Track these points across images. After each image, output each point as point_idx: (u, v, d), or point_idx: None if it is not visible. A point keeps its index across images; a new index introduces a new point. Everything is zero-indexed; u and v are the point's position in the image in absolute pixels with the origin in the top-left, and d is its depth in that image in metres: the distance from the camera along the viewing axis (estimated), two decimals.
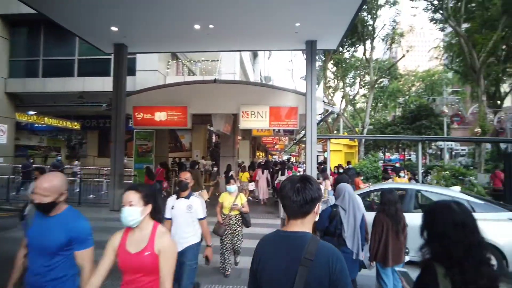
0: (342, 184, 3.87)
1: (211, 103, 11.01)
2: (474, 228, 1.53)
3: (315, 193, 1.56)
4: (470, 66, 21.24)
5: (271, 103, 10.76)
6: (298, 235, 1.54)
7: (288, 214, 1.60)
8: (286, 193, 1.57)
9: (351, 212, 3.67)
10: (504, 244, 5.25)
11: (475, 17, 21.47)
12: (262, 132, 14.38)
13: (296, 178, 1.61)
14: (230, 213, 5.22)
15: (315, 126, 10.02)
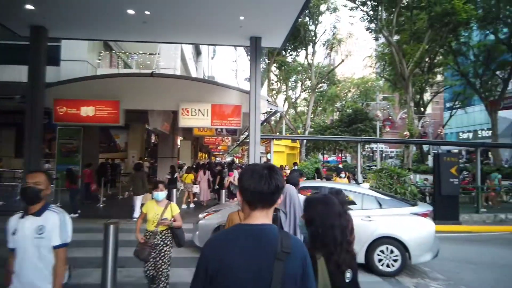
0: (285, 186, 3.50)
1: (148, 98, 10.05)
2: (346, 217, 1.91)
3: (282, 182, 1.44)
4: (400, 74, 22.81)
5: (213, 101, 10.15)
6: (266, 227, 1.39)
7: (253, 205, 1.40)
8: (252, 180, 1.39)
9: (292, 216, 3.29)
10: (407, 238, 5.52)
11: (405, 29, 23.17)
12: (204, 131, 13.67)
13: (259, 166, 1.46)
14: (156, 229, 4.03)
15: (258, 126, 9.63)
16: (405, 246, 5.49)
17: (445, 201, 9.75)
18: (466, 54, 30.43)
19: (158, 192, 4.12)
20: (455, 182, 9.74)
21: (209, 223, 6.34)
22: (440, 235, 9.02)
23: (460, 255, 7.11)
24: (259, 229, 1.37)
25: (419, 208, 6.05)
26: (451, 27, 20.02)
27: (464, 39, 29.23)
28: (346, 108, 41.39)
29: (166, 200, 4.18)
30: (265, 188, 1.37)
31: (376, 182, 9.72)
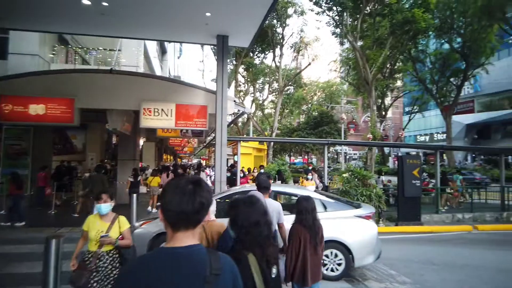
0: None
1: (106, 97, 9.36)
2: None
3: (209, 198, 1.32)
4: (363, 78, 23.39)
5: (178, 101, 9.66)
6: (194, 249, 1.26)
7: (175, 225, 1.27)
8: (174, 197, 1.25)
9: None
10: (351, 241, 5.42)
11: (368, 36, 23.84)
12: (168, 132, 13.05)
13: (184, 180, 1.31)
14: (99, 250, 3.32)
15: (225, 127, 9.27)
16: (349, 250, 5.38)
17: (408, 203, 9.95)
18: (423, 61, 32.09)
19: (101, 204, 3.40)
20: (417, 184, 9.97)
21: (146, 232, 5.62)
22: (404, 236, 9.23)
23: (423, 256, 7.18)
24: (185, 252, 1.23)
25: (362, 210, 5.97)
26: (411, 34, 20.83)
27: (422, 47, 30.83)
28: (312, 111, 42.05)
29: (112, 214, 3.50)
30: (188, 207, 1.23)
31: (343, 184, 9.71)
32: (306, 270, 3.32)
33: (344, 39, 23.87)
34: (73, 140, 18.99)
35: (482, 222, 11.07)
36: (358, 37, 22.48)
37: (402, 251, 7.63)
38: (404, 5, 21.67)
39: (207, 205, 1.30)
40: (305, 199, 3.56)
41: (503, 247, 8.25)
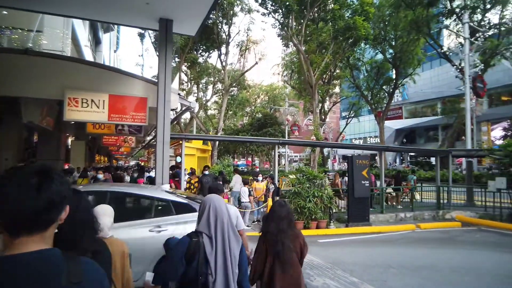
0: (207, 196, 2.31)
1: (20, 82, 7.62)
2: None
3: (66, 190, 1.05)
4: (307, 82, 23.65)
5: (111, 91, 8.28)
6: (43, 255, 0.97)
7: (13, 229, 0.96)
8: (8, 193, 0.94)
9: (219, 241, 2.06)
10: None
11: (312, 40, 24.22)
12: (101, 129, 11.36)
13: (27, 171, 1.00)
14: None
15: (168, 122, 8.17)
16: None
17: (358, 203, 9.80)
18: (360, 69, 33.87)
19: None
20: (366, 184, 9.87)
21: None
22: (355, 238, 8.98)
23: (379, 258, 6.91)
24: (28, 259, 0.93)
25: None
26: (351, 41, 21.50)
27: (358, 55, 32.51)
28: (255, 113, 41.94)
29: None
30: (29, 204, 0.94)
31: (294, 185, 9.21)
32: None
33: (289, 42, 23.93)
34: None
35: (421, 220, 11.44)
36: (302, 40, 22.64)
37: (356, 254, 7.29)
38: (345, 12, 22.37)
39: (60, 201, 1.02)
40: (280, 204, 2.92)
41: (446, 245, 8.39)
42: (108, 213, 2.44)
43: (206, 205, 2.12)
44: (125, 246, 2.39)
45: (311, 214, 9.10)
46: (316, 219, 9.23)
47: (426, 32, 26.63)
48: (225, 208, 2.17)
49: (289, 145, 13.02)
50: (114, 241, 2.34)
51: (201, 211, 2.14)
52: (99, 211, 2.32)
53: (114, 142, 16.67)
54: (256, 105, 44.88)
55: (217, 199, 2.20)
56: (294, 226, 2.90)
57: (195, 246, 2.00)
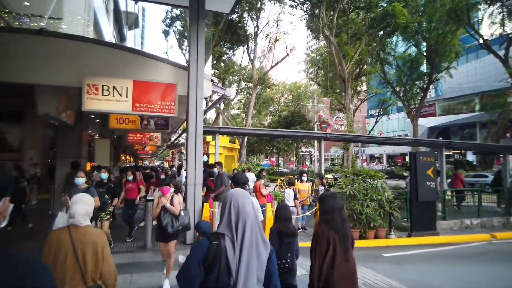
0: (230, 191, 1.88)
1: (33, 67, 6.49)
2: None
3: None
4: (339, 76, 21.92)
5: (135, 76, 7.02)
6: None
7: None
8: None
9: (244, 246, 1.62)
10: None
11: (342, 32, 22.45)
12: (125, 124, 10.19)
13: None
14: None
15: (201, 112, 6.82)
16: None
17: (422, 209, 8.08)
18: (391, 64, 31.61)
19: None
20: (432, 186, 8.14)
21: None
22: (424, 251, 7.27)
23: (471, 281, 5.25)
24: None
25: None
26: (390, 29, 19.57)
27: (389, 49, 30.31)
28: (279, 112, 40.40)
29: None
30: None
31: (349, 187, 7.61)
32: (334, 281, 2.53)
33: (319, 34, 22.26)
34: (6, 135, 15.33)
35: (491, 228, 9.55)
36: (334, 32, 20.93)
37: (439, 275, 5.63)
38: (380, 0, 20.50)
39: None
40: (331, 195, 2.93)
41: None
42: (84, 201, 2.35)
43: (227, 201, 1.78)
44: (101, 237, 2.29)
45: (368, 221, 7.49)
46: (375, 227, 7.60)
47: (466, 21, 24.25)
48: (251, 205, 1.77)
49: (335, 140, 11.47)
50: (88, 231, 2.26)
51: (222, 209, 1.80)
52: (72, 200, 2.32)
53: (139, 140, 15.57)
54: (280, 104, 43.31)
55: (240, 195, 1.81)
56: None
57: (215, 251, 1.64)
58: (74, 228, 2.22)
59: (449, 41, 26.29)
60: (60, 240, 2.17)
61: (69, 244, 2.14)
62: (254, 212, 1.75)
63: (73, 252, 2.12)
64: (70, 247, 2.13)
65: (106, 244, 2.30)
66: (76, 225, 2.23)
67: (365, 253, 6.76)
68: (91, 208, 2.38)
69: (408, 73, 30.02)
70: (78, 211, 2.24)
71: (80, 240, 2.15)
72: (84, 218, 2.27)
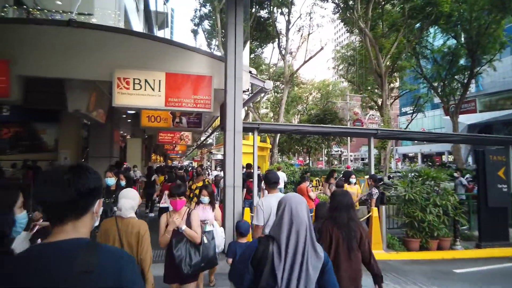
0: (285, 196, 1.82)
1: (62, 60, 6.01)
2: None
3: (93, 181, 1.11)
4: (374, 71, 20.55)
5: (168, 68, 6.38)
6: (66, 244, 1.02)
7: (51, 219, 1.08)
8: (46, 186, 1.06)
9: (291, 254, 1.59)
10: None
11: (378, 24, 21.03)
12: (157, 122, 9.64)
13: (61, 168, 1.13)
14: None
15: (240, 105, 6.08)
16: None
17: (493, 215, 6.88)
18: (428, 58, 29.58)
19: None
20: (504, 189, 6.93)
21: None
22: (502, 266, 6.13)
23: None
24: (56, 247, 1.01)
25: None
26: (432, 18, 17.99)
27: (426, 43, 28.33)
28: (308, 111, 39.18)
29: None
30: (58, 196, 1.04)
31: (407, 190, 6.58)
32: (339, 278, 2.27)
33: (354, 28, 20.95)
34: (42, 135, 15.39)
35: None
36: (369, 24, 19.57)
37: None
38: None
39: (92, 189, 1.10)
40: (342, 193, 2.85)
41: None
42: (130, 196, 2.69)
43: (281, 205, 1.74)
44: (142, 226, 2.56)
45: (431, 230, 6.42)
46: (438, 237, 6.52)
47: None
48: (306, 212, 1.68)
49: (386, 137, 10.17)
50: (131, 221, 2.57)
51: (277, 212, 1.77)
52: (120, 194, 2.73)
53: (170, 139, 15.11)
54: (308, 103, 42.04)
55: (295, 200, 1.71)
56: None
57: (262, 254, 1.64)
58: (120, 219, 2.58)
59: (492, 32, 24.07)
60: (108, 228, 2.56)
61: (116, 232, 2.51)
62: (309, 219, 1.69)
63: (119, 240, 2.44)
64: (117, 235, 2.47)
65: (147, 233, 2.58)
66: (122, 216, 2.59)
67: (431, 268, 5.74)
68: (136, 202, 2.73)
69: (447, 67, 27.93)
70: (124, 205, 2.60)
71: (125, 230, 2.49)
72: (128, 211, 2.63)
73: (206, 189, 4.06)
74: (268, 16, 20.87)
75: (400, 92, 36.99)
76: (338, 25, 38.05)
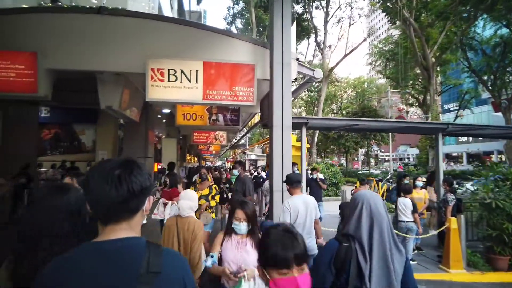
0: (359, 192, 1.73)
1: (92, 52, 5.41)
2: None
3: (145, 181, 1.03)
4: (420, 64, 18.79)
5: (205, 57, 5.58)
6: (126, 243, 0.97)
7: (104, 217, 1.00)
8: (98, 185, 0.96)
9: (376, 253, 1.50)
10: None
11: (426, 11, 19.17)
12: (192, 120, 8.91)
13: (112, 164, 1.01)
14: None
15: (289, 96, 5.14)
16: None
17: None
18: (476, 50, 26.92)
19: None
20: None
21: None
22: None
23: None
24: (112, 246, 0.95)
25: None
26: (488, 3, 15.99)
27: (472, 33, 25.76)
28: (343, 109, 37.44)
29: None
30: (113, 195, 0.95)
31: (492, 196, 5.29)
32: None
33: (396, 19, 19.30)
34: (80, 136, 15.40)
35: None
36: (413, 14, 17.87)
37: None
38: None
39: (140, 190, 1.00)
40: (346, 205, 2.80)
41: None
42: (188, 197, 2.92)
43: (357, 203, 1.64)
44: (197, 225, 2.75)
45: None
46: None
47: None
48: (384, 207, 1.63)
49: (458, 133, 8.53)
50: (188, 220, 2.79)
51: (351, 210, 1.67)
52: (180, 196, 3.02)
53: (205, 139, 14.49)
54: (343, 101, 40.22)
55: (373, 196, 1.65)
56: None
57: (345, 253, 1.55)
58: (179, 218, 2.86)
59: None
60: (171, 225, 2.85)
61: (175, 229, 2.79)
62: (387, 215, 1.61)
63: (177, 236, 2.70)
64: (175, 232, 2.75)
65: (200, 231, 2.77)
66: (181, 215, 2.87)
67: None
68: (194, 203, 2.95)
69: (498, 58, 25.21)
70: (182, 205, 2.87)
71: (182, 227, 2.73)
72: (186, 211, 2.86)
73: (242, 208, 2.38)
74: (303, 11, 19.75)
75: (442, 88, 34.24)
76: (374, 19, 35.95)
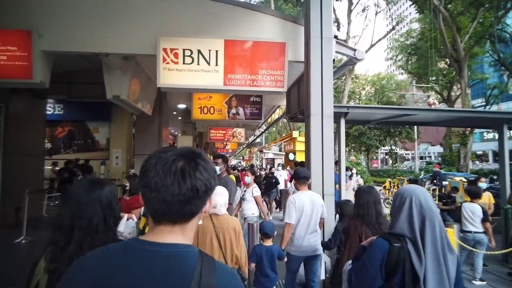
0: (405, 187, 1.57)
1: (97, 31, 4.58)
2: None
3: (211, 179, 0.80)
4: (450, 55, 17.33)
5: (227, 34, 4.65)
6: (179, 250, 0.77)
7: (158, 215, 0.79)
8: (158, 177, 0.75)
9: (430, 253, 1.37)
10: None
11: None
12: (210, 114, 7.95)
13: (173, 153, 0.78)
14: None
15: (330, 79, 4.15)
16: None
17: None
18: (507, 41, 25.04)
19: None
20: None
21: None
22: None
23: None
24: (162, 251, 0.75)
25: None
26: None
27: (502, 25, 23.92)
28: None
29: None
30: (173, 193, 0.75)
31: None
32: None
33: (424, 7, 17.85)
34: (94, 134, 14.86)
35: None
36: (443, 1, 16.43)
37: None
38: None
39: (205, 190, 0.78)
40: (367, 190, 2.65)
41: None
42: (222, 193, 2.55)
43: (405, 198, 1.47)
44: (237, 223, 2.50)
45: None
46: None
47: None
48: (435, 206, 1.47)
49: None
50: (226, 218, 2.49)
51: (396, 207, 1.51)
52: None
53: (222, 137, 13.62)
54: (362, 98, 38.71)
55: (421, 191, 1.49)
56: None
57: (398, 254, 1.40)
58: (215, 216, 2.47)
59: None
60: (205, 225, 2.43)
61: (212, 229, 2.41)
62: (438, 211, 1.48)
63: (216, 237, 2.37)
64: (214, 232, 2.39)
65: (241, 229, 2.56)
66: (217, 214, 2.49)
67: None
68: (226, 198, 2.61)
69: None
70: (219, 202, 2.49)
71: (221, 227, 2.40)
72: (223, 208, 2.53)
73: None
74: None
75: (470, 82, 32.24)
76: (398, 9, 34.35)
